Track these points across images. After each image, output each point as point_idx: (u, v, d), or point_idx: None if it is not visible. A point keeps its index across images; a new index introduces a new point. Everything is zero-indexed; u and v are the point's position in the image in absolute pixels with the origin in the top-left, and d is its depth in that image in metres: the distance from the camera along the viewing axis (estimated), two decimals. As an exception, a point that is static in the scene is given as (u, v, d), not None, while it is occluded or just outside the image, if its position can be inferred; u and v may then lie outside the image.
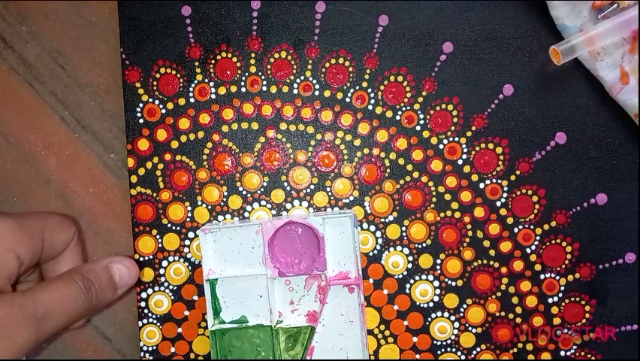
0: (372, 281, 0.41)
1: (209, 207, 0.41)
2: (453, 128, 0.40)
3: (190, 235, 0.41)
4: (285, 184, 0.41)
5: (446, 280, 0.41)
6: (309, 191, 0.41)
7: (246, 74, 0.41)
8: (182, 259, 0.41)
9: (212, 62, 0.41)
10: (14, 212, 0.42)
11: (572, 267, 0.40)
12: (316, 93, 0.41)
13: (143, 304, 0.41)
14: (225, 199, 0.41)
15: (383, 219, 0.41)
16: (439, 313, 0.41)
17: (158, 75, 0.41)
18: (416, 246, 0.41)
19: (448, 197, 0.41)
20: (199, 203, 0.41)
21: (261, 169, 0.41)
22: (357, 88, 0.41)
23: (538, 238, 0.40)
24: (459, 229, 0.41)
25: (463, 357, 0.41)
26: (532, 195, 0.40)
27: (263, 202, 0.41)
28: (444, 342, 0.41)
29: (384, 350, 0.41)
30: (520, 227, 0.40)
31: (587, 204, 0.40)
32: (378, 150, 0.41)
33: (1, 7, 0.42)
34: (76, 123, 0.43)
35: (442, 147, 0.40)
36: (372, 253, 0.41)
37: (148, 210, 0.41)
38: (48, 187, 0.43)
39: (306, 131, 0.41)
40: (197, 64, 0.41)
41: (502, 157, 0.40)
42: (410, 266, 0.41)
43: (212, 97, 0.41)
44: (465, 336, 0.41)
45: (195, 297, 0.41)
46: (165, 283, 0.41)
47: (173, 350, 0.42)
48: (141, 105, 0.41)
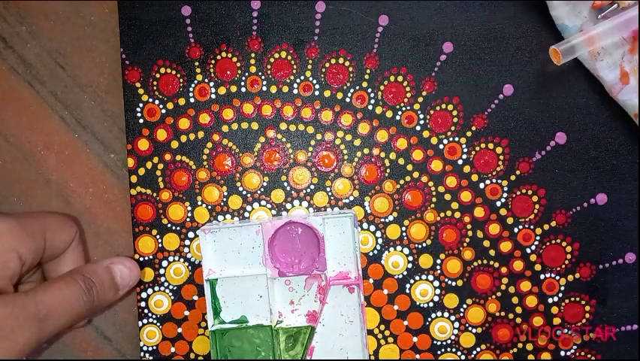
0: (372, 281, 0.41)
1: (209, 207, 0.41)
2: (453, 128, 0.40)
3: (190, 235, 0.41)
4: (285, 184, 0.41)
5: (446, 280, 0.41)
6: (309, 191, 0.41)
7: (246, 74, 0.41)
8: (182, 259, 0.41)
9: (212, 62, 0.41)
10: (15, 212, 0.42)
11: (572, 267, 0.40)
12: (316, 93, 0.41)
13: (143, 304, 0.41)
14: (225, 199, 0.41)
15: (383, 219, 0.41)
16: (439, 313, 0.41)
17: (158, 75, 0.41)
18: (416, 246, 0.41)
19: (448, 197, 0.41)
20: (199, 203, 0.41)
21: (261, 169, 0.41)
22: (357, 88, 0.41)
23: (538, 238, 0.40)
24: (459, 229, 0.41)
25: (463, 357, 0.41)
26: (532, 195, 0.40)
27: (263, 202, 0.41)
28: (444, 342, 0.41)
29: (384, 350, 0.41)
30: (520, 227, 0.40)
31: (587, 204, 0.40)
32: (378, 150, 0.41)
33: (1, 7, 0.42)
34: (76, 123, 0.43)
35: (442, 147, 0.40)
36: (372, 253, 0.41)
37: (148, 210, 0.41)
38: (48, 187, 0.43)
39: (306, 131, 0.41)
40: (197, 64, 0.41)
41: (502, 157, 0.40)
42: (410, 266, 0.41)
43: (212, 97, 0.41)
44: (465, 336, 0.41)
45: (195, 297, 0.41)
46: (165, 283, 0.41)
47: (173, 350, 0.42)
48: (141, 105, 0.41)
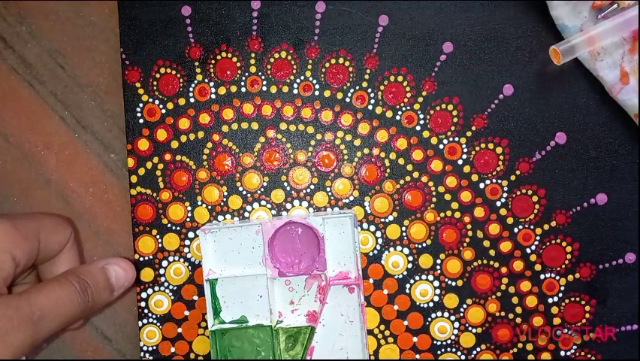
0: (372, 281, 0.41)
1: (209, 207, 0.41)
2: (453, 128, 0.40)
3: (190, 235, 0.41)
4: (285, 184, 0.41)
5: (446, 280, 0.41)
6: (309, 191, 0.41)
7: (246, 74, 0.41)
8: (182, 259, 0.41)
9: (212, 62, 0.41)
10: (12, 213, 0.42)
11: (572, 267, 0.40)
12: (316, 93, 0.41)
13: (143, 304, 0.41)
14: (225, 199, 0.41)
15: (383, 219, 0.41)
16: (439, 313, 0.41)
17: (158, 75, 0.41)
18: (416, 246, 0.41)
19: (448, 197, 0.41)
20: (199, 203, 0.41)
21: (261, 169, 0.41)
22: (357, 88, 0.41)
23: (538, 238, 0.40)
24: (459, 229, 0.41)
25: (463, 357, 0.41)
26: (532, 195, 0.40)
27: (263, 202, 0.41)
28: (444, 342, 0.41)
29: (384, 350, 0.41)
30: (520, 227, 0.40)
31: (587, 204, 0.40)
32: (378, 150, 0.41)
33: (1, 7, 0.42)
34: (76, 123, 0.43)
35: (442, 147, 0.40)
36: (372, 253, 0.41)
37: (148, 210, 0.41)
38: (48, 187, 0.43)
39: (306, 131, 0.41)
40: (197, 64, 0.41)
41: (502, 157, 0.40)
42: (410, 266, 0.41)
43: (212, 97, 0.41)
44: (465, 336, 0.41)
45: (195, 297, 0.41)
46: (165, 283, 0.41)
47: (173, 350, 0.42)
48: (141, 105, 0.41)
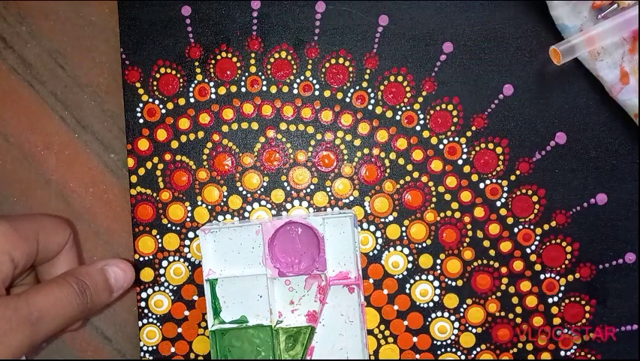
0: (372, 281, 0.41)
1: (209, 207, 0.41)
2: (453, 128, 0.40)
3: (190, 235, 0.41)
4: (285, 184, 0.41)
5: (446, 280, 0.41)
6: (309, 191, 0.41)
7: (246, 74, 0.41)
8: (182, 259, 0.41)
9: (212, 62, 0.41)
10: (12, 213, 0.42)
11: (572, 267, 0.40)
12: (316, 93, 0.41)
13: (143, 304, 0.41)
14: (225, 199, 0.41)
15: (383, 219, 0.41)
16: (439, 313, 0.41)
17: (158, 75, 0.41)
18: (416, 246, 0.41)
19: (448, 197, 0.41)
20: (199, 203, 0.41)
21: (261, 169, 0.41)
22: (357, 88, 0.41)
23: (538, 238, 0.40)
24: (459, 229, 0.41)
25: (463, 357, 0.41)
26: (532, 195, 0.40)
27: (263, 202, 0.41)
28: (444, 342, 0.41)
29: (384, 350, 0.41)
30: (520, 227, 0.40)
31: (587, 204, 0.40)
32: (378, 150, 0.41)
33: (1, 7, 0.42)
34: (76, 123, 0.43)
35: (442, 147, 0.40)
36: (372, 253, 0.41)
37: (148, 210, 0.41)
38: (48, 187, 0.43)
39: (306, 131, 0.41)
40: (197, 64, 0.41)
41: (502, 157, 0.40)
42: (410, 266, 0.41)
43: (212, 97, 0.41)
44: (465, 336, 0.41)
45: (195, 297, 0.41)
46: (165, 283, 0.41)
47: (173, 350, 0.42)
48: (141, 105, 0.41)
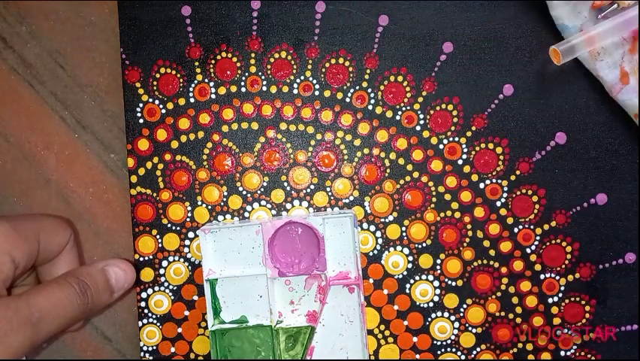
0: (372, 281, 0.41)
1: (209, 207, 0.41)
2: (453, 128, 0.40)
3: (190, 235, 0.41)
4: (285, 184, 0.41)
5: (446, 280, 0.41)
6: (309, 191, 0.41)
7: (246, 74, 0.41)
8: (182, 259, 0.41)
9: (212, 62, 0.41)
10: (12, 213, 0.42)
11: (572, 267, 0.40)
12: (316, 93, 0.41)
13: (143, 304, 0.41)
14: (225, 199, 0.41)
15: (383, 219, 0.41)
16: (439, 313, 0.41)
17: (158, 75, 0.41)
18: (416, 246, 0.41)
19: (448, 197, 0.41)
20: (199, 203, 0.41)
21: (261, 169, 0.41)
22: (357, 88, 0.41)
23: (538, 238, 0.40)
24: (459, 229, 0.41)
25: (463, 357, 0.41)
26: (532, 195, 0.40)
27: (263, 202, 0.41)
28: (444, 342, 0.41)
29: (384, 350, 0.41)
30: (520, 227, 0.40)
31: (587, 204, 0.40)
32: (378, 150, 0.41)
33: (1, 7, 0.42)
34: (76, 123, 0.43)
35: (442, 147, 0.40)
36: (372, 253, 0.41)
37: (148, 210, 0.41)
38: (48, 187, 0.43)
39: (306, 131, 0.41)
40: (197, 64, 0.41)
41: (502, 157, 0.40)
42: (410, 266, 0.41)
43: (212, 97, 0.41)
44: (465, 336, 0.41)
45: (195, 297, 0.41)
46: (165, 283, 0.41)
47: (173, 350, 0.42)
48: (141, 105, 0.41)
